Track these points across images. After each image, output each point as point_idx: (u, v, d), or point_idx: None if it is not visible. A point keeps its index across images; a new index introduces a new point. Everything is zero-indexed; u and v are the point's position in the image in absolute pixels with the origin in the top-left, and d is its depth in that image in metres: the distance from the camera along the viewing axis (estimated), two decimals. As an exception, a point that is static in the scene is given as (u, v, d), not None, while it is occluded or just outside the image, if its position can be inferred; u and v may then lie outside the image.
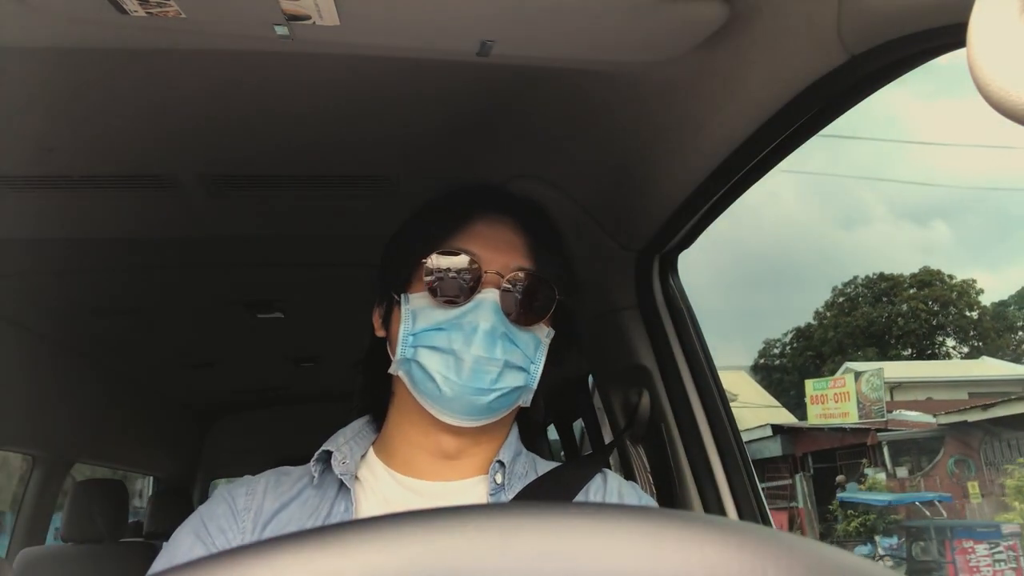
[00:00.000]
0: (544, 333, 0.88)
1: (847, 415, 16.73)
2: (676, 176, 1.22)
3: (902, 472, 16.05)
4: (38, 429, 2.79)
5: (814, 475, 16.91)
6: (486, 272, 0.84)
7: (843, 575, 0.25)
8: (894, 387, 21.67)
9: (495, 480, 0.86)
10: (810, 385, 19.09)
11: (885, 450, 16.14)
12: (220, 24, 0.87)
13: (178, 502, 3.86)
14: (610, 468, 0.99)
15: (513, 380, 0.84)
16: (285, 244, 1.94)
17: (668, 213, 1.32)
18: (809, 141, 1.04)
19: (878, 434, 16.17)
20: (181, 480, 4.35)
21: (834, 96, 0.92)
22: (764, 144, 1.04)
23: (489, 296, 0.83)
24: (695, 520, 0.27)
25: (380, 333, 0.92)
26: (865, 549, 13.89)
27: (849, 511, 14.95)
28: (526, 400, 0.87)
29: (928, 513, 14.06)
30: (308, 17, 0.83)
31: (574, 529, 0.26)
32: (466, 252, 0.85)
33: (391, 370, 0.86)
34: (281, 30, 0.86)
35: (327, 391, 3.58)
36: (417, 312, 0.85)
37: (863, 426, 16.42)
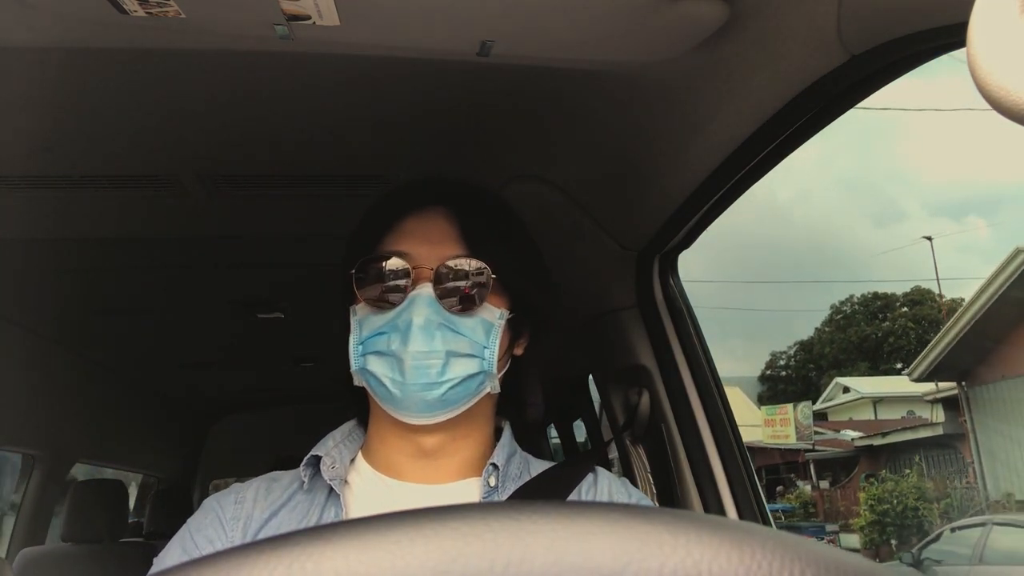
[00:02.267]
0: (495, 315, 0.87)
1: (788, 437, 20.74)
2: (676, 176, 1.22)
3: (824, 484, 19.87)
4: (38, 429, 2.79)
5: (765, 485, 20.86)
6: (416, 268, 0.84)
7: (844, 574, 0.25)
8: (877, 402, 23.15)
9: (488, 483, 0.86)
10: (764, 411, 22.70)
11: (811, 467, 20.31)
12: (220, 24, 0.87)
13: (178, 502, 3.86)
14: (606, 466, 0.99)
15: (463, 368, 0.83)
16: (285, 244, 1.94)
17: (668, 213, 1.32)
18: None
19: (806, 453, 20.32)
20: (181, 480, 4.35)
21: (834, 96, 0.92)
22: (764, 144, 1.04)
23: (422, 292, 0.83)
24: (697, 520, 0.27)
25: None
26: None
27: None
28: (493, 387, 0.87)
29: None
30: (308, 17, 0.83)
31: (526, 527, 0.26)
32: (393, 253, 0.85)
33: (354, 381, 0.87)
34: (281, 30, 0.86)
35: (327, 391, 3.57)
36: (362, 321, 0.86)
37: (796, 447, 20.52)
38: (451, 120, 1.29)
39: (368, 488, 0.87)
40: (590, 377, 2.28)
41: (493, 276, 0.85)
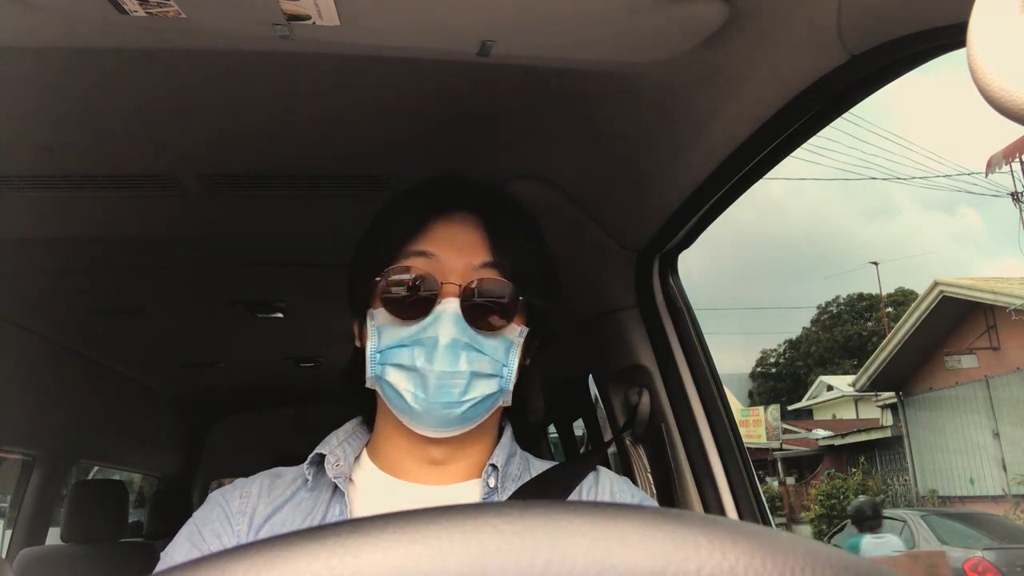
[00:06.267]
0: (516, 333, 0.85)
1: (759, 437, 22.18)
2: (676, 176, 1.22)
3: (791, 481, 21.71)
4: (38, 429, 2.79)
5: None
6: (443, 283, 0.82)
7: (847, 574, 0.25)
8: (858, 399, 23.75)
9: (488, 483, 0.86)
10: (738, 412, 23.99)
11: (779, 464, 22.30)
12: (220, 24, 0.87)
13: (178, 502, 3.86)
14: (607, 466, 0.99)
15: (484, 388, 0.82)
16: (285, 244, 1.94)
17: (668, 213, 1.32)
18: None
19: (774, 452, 22.07)
20: (181, 480, 4.35)
21: (834, 96, 0.92)
22: (764, 144, 1.04)
23: (448, 307, 0.81)
24: (732, 525, 0.27)
25: (358, 343, 0.90)
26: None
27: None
28: (506, 400, 0.86)
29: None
30: (308, 17, 0.83)
31: (564, 527, 0.26)
32: (423, 256, 0.83)
33: (367, 384, 0.85)
34: (281, 30, 0.86)
35: (327, 391, 3.57)
36: (381, 329, 0.84)
37: (765, 446, 22.00)
38: (451, 120, 1.29)
39: (372, 487, 0.86)
40: (590, 377, 2.28)
41: (520, 298, 0.84)
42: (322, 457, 0.86)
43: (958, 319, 14.57)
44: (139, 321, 2.54)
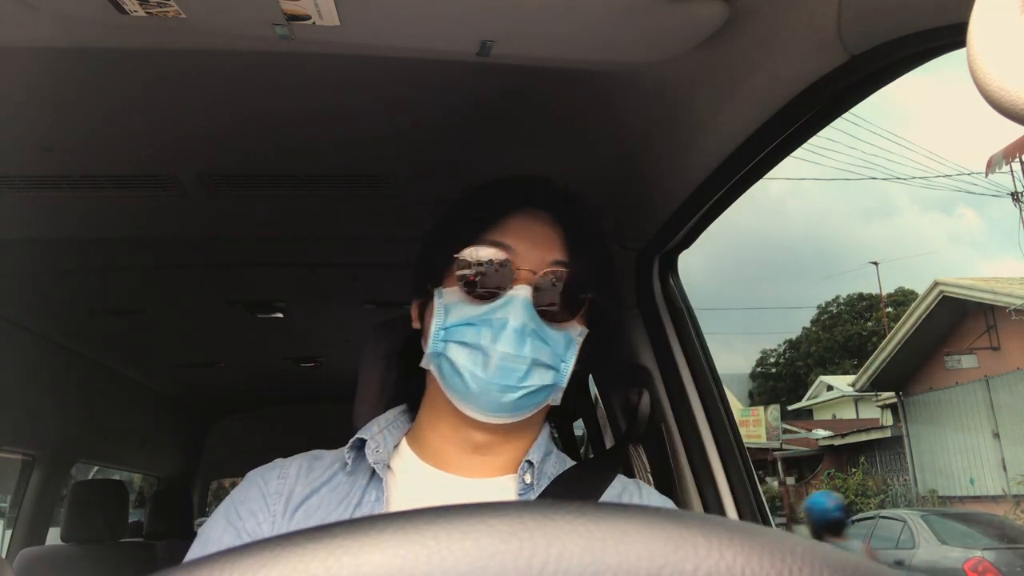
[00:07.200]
0: (577, 332, 0.87)
1: (759, 437, 22.32)
2: (676, 176, 1.22)
3: (791, 481, 21.80)
4: (38, 429, 2.79)
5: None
6: (519, 269, 0.84)
7: (844, 573, 0.25)
8: (858, 399, 23.84)
9: (524, 480, 0.86)
10: (738, 412, 24.02)
11: (779, 464, 22.33)
12: (220, 24, 0.87)
13: (178, 502, 3.86)
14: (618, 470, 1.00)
15: (541, 378, 0.83)
16: (285, 244, 1.94)
17: (668, 213, 1.32)
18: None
19: (774, 452, 22.09)
20: (181, 480, 4.35)
21: (834, 96, 0.92)
22: (764, 144, 1.04)
23: (521, 293, 0.82)
24: (730, 525, 0.27)
25: (416, 325, 0.92)
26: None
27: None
28: (556, 398, 0.87)
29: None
30: (308, 17, 0.83)
31: (562, 528, 0.26)
32: (500, 247, 0.84)
33: (423, 363, 0.86)
34: (281, 30, 0.86)
35: (327, 391, 3.58)
36: (450, 307, 0.85)
37: (766, 446, 22.03)
38: (451, 120, 1.29)
39: (410, 475, 0.87)
40: (590, 377, 2.28)
41: (589, 295, 0.86)
42: (363, 442, 0.86)
43: (958, 319, 14.60)
44: (139, 321, 2.55)
